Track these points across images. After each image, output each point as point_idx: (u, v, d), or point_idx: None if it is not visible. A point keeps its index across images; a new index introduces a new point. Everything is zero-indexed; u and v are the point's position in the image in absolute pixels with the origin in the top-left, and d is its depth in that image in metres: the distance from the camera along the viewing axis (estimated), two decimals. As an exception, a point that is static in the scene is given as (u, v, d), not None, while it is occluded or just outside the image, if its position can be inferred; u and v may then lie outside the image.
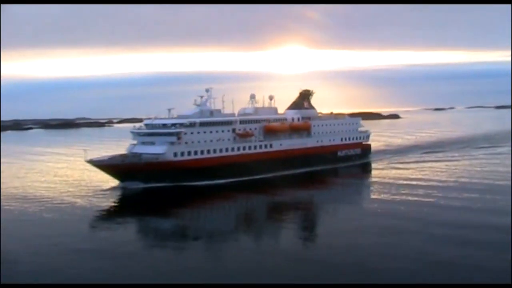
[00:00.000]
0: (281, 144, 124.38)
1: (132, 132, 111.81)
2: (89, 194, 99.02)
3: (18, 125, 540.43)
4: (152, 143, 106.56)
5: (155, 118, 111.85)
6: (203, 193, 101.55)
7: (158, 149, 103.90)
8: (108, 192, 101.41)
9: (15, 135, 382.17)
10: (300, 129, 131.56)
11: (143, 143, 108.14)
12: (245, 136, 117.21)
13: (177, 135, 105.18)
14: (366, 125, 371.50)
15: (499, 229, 64.29)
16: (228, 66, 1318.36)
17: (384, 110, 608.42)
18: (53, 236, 68.11)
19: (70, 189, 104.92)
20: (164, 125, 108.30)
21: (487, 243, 58.88)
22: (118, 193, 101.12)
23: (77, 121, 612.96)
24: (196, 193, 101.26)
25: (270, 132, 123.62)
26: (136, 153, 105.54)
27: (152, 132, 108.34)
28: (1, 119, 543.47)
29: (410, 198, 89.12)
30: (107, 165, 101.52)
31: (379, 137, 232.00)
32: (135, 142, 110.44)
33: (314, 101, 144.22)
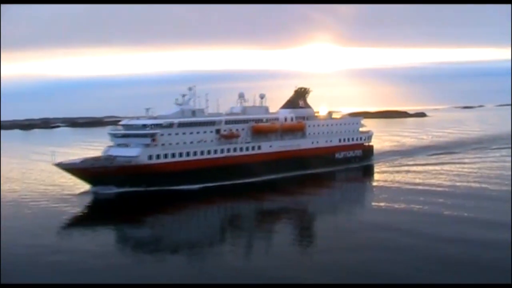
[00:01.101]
0: (271, 146, 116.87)
1: (109, 133, 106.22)
2: (58, 199, 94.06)
3: (46, 123, 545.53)
4: (127, 145, 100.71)
5: (132, 118, 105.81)
6: (182, 198, 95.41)
7: (131, 152, 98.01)
8: (78, 197, 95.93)
9: (39, 134, 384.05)
10: (293, 130, 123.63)
11: (119, 145, 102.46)
12: (229, 137, 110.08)
13: (152, 136, 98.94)
14: (390, 123, 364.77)
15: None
16: (256, 64, 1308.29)
17: (412, 108, 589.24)
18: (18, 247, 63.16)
19: (45, 193, 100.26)
20: (140, 126, 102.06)
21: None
22: (88, 198, 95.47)
23: (105, 119, 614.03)
24: (174, 198, 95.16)
25: (259, 132, 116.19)
26: (110, 155, 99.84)
27: (127, 133, 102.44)
28: (31, 117, 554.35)
29: (413, 206, 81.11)
30: (75, 169, 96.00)
31: (394, 136, 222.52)
32: (112, 143, 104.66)
33: (337, 99, 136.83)
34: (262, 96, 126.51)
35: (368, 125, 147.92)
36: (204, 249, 62.82)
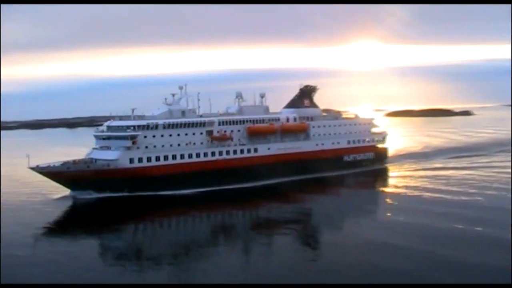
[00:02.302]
0: (269, 148, 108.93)
1: (94, 135, 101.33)
2: (36, 203, 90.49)
3: (92, 122, 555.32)
4: (109, 148, 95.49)
5: (114, 119, 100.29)
6: (168, 205, 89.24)
7: (110, 155, 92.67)
8: (56, 202, 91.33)
9: (83, 131, 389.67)
10: (295, 131, 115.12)
11: (101, 147, 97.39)
12: (221, 139, 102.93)
13: (132, 138, 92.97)
14: (432, 122, 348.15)
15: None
16: (301, 63, 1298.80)
17: (458, 106, 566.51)
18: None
19: (22, 197, 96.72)
20: (122, 128, 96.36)
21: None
22: (66, 203, 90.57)
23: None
24: (159, 205, 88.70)
25: (256, 134, 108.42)
26: (91, 158, 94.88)
27: (109, 135, 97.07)
28: (79, 115, 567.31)
29: (427, 220, 70.66)
30: (51, 173, 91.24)
31: (424, 137, 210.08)
32: (97, 146, 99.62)
33: (382, 97, 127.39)
34: (262, 95, 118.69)
35: (409, 124, 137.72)
36: (188, 264, 57.31)
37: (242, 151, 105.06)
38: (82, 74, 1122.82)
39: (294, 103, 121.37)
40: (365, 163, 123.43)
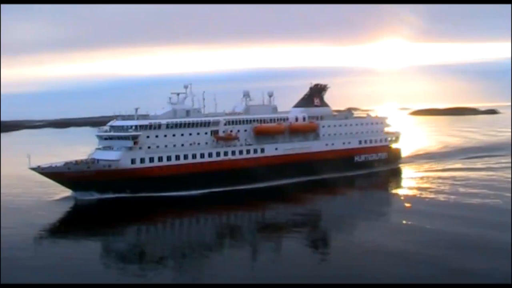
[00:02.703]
0: (276, 149, 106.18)
1: (96, 135, 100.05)
2: (36, 204, 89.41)
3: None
4: (111, 148, 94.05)
5: (117, 119, 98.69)
6: (170, 206, 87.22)
7: (112, 155, 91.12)
8: (57, 203, 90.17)
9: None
10: (304, 130, 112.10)
11: (104, 147, 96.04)
12: (227, 139, 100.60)
13: (133, 138, 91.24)
14: (456, 121, 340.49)
15: None
16: (328, 61, 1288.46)
17: (483, 105, 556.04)
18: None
19: (21, 197, 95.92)
20: (124, 127, 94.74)
21: None
22: (67, 204, 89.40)
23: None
24: (161, 206, 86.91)
25: (263, 134, 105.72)
26: (93, 158, 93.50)
27: (111, 135, 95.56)
28: (104, 114, 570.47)
29: (444, 226, 66.66)
30: (52, 173, 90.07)
31: (444, 136, 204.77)
32: (99, 146, 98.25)
33: (407, 96, 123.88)
34: (270, 94, 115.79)
35: (433, 122, 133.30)
36: (191, 266, 55.99)
37: (248, 152, 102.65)
38: (107, 74, 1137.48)
39: (304, 102, 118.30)
40: (377, 164, 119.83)
